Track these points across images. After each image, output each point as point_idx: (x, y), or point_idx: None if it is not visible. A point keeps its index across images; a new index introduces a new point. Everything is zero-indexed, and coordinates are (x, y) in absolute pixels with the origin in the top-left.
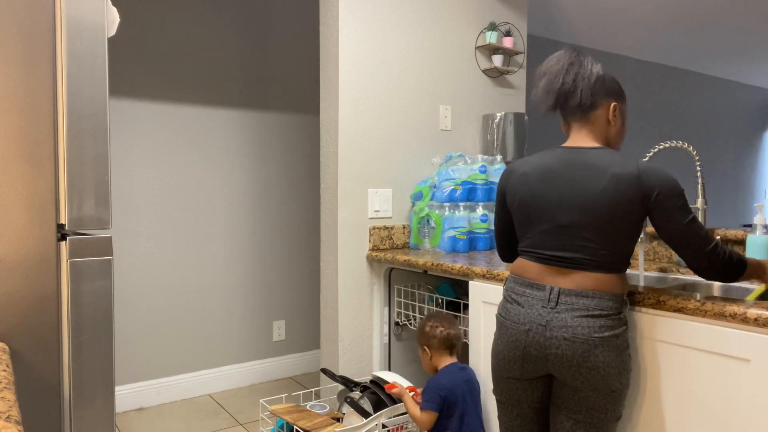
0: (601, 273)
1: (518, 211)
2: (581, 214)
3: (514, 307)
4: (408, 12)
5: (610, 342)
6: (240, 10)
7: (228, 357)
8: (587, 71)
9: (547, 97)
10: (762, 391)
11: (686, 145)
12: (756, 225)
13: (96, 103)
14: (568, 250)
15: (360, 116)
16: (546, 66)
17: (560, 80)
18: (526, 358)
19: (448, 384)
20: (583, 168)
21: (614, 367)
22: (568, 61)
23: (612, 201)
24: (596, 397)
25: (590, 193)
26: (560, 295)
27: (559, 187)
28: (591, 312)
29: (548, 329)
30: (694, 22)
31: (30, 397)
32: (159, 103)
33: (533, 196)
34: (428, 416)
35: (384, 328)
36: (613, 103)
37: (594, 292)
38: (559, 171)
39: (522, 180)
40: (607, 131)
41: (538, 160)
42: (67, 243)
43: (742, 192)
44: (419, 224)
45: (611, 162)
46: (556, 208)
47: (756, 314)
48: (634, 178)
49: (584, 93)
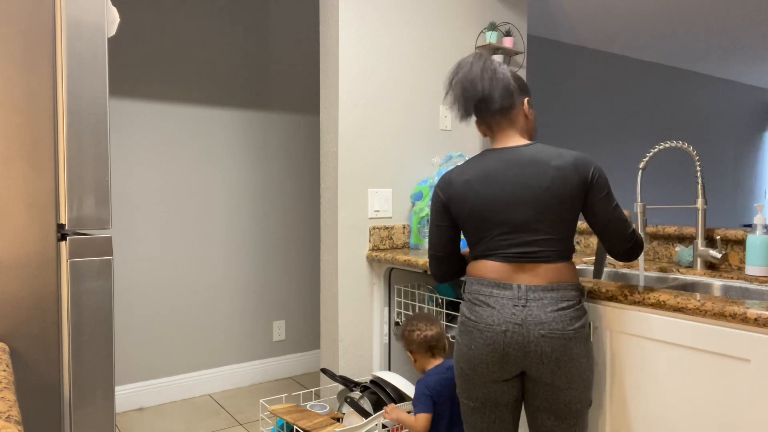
0: (559, 263)
1: (470, 219)
2: (535, 209)
3: (484, 309)
4: (408, 12)
5: (580, 333)
6: (240, 10)
7: (228, 357)
8: (500, 74)
9: (465, 104)
10: (762, 391)
11: (686, 145)
12: (756, 225)
13: (96, 103)
14: (530, 246)
15: (360, 116)
16: (458, 75)
17: (478, 86)
18: (505, 359)
19: (433, 385)
20: (527, 165)
21: (584, 356)
22: (480, 67)
23: (560, 192)
24: (572, 389)
25: (539, 188)
26: (528, 292)
27: (507, 187)
28: (560, 304)
29: (524, 327)
30: (694, 22)
31: (30, 397)
32: (159, 103)
33: (483, 200)
34: (423, 419)
35: (384, 328)
36: (526, 98)
37: (557, 284)
38: (503, 172)
39: (466, 188)
40: (526, 126)
41: (476, 166)
42: (67, 243)
43: (742, 192)
44: (419, 224)
45: (550, 155)
46: (510, 209)
47: (756, 314)
48: (571, 166)
49: (503, 96)
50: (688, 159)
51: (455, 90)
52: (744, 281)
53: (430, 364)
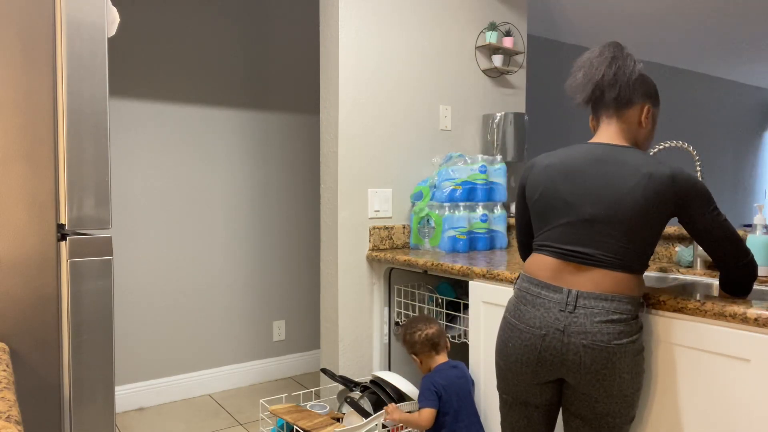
0: (620, 272)
1: (537, 203)
2: (608, 209)
3: (529, 309)
4: (408, 12)
5: (627, 348)
6: (240, 10)
7: (228, 357)
8: (629, 68)
9: (586, 87)
10: (762, 391)
11: (686, 145)
12: (756, 225)
13: (96, 103)
14: (587, 246)
15: (360, 116)
16: (587, 57)
17: (602, 72)
18: (540, 363)
19: (441, 381)
20: (614, 164)
21: (628, 372)
22: (611, 54)
23: (643, 199)
24: (610, 403)
25: (620, 189)
26: (578, 299)
27: (586, 180)
28: (610, 316)
29: (566, 335)
30: (694, 22)
31: (30, 397)
32: (159, 103)
33: (556, 188)
34: (428, 413)
35: (384, 328)
36: (647, 105)
37: (613, 294)
38: (587, 165)
39: (545, 172)
40: (637, 132)
41: (564, 154)
42: (67, 243)
43: (742, 192)
44: (419, 224)
45: (643, 161)
46: (580, 202)
47: (756, 314)
48: (668, 178)
49: (623, 88)
50: (688, 159)
51: (579, 71)
52: None
53: (435, 362)
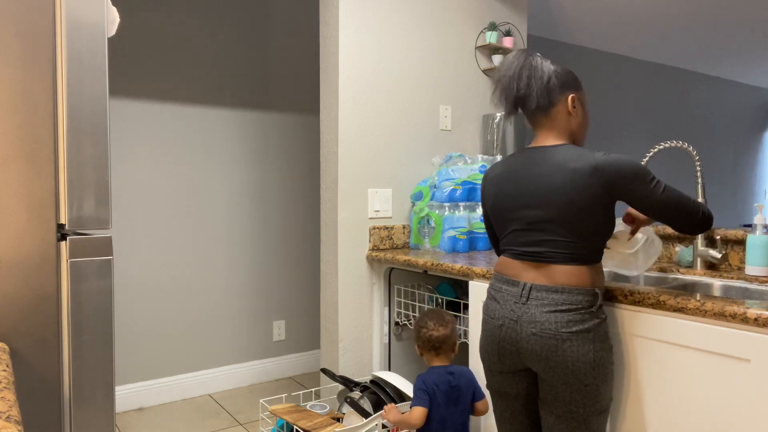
0: (572, 265)
1: (492, 213)
2: (544, 210)
3: (492, 303)
4: (408, 12)
5: (579, 336)
6: (240, 10)
7: (228, 357)
8: (539, 72)
9: (505, 103)
10: (762, 391)
11: (686, 145)
12: (756, 225)
13: (96, 103)
14: (538, 245)
15: (360, 116)
16: (500, 73)
17: (514, 86)
18: (501, 353)
19: (430, 381)
20: (544, 165)
21: (585, 362)
22: (519, 65)
23: (573, 193)
24: (569, 392)
25: (550, 188)
26: (531, 291)
27: (522, 185)
28: (559, 307)
29: (519, 324)
30: (693, 22)
31: (30, 397)
32: (159, 103)
33: (503, 197)
34: (418, 412)
35: (384, 328)
36: (570, 95)
37: (563, 286)
38: (523, 170)
39: (493, 183)
40: (569, 124)
41: (507, 162)
42: (67, 243)
43: (742, 192)
44: (419, 224)
45: (571, 157)
46: (522, 207)
47: (756, 314)
48: (591, 170)
49: (540, 96)
50: (688, 159)
51: (497, 88)
52: (744, 281)
53: (434, 362)
